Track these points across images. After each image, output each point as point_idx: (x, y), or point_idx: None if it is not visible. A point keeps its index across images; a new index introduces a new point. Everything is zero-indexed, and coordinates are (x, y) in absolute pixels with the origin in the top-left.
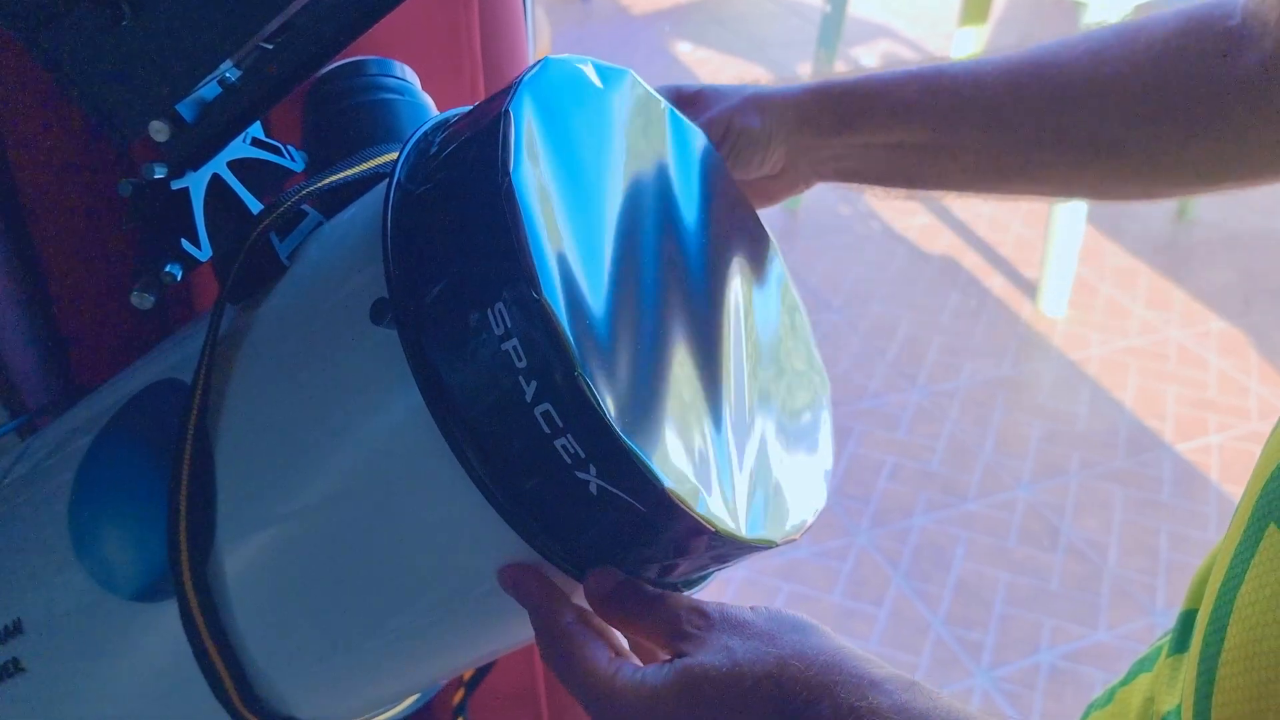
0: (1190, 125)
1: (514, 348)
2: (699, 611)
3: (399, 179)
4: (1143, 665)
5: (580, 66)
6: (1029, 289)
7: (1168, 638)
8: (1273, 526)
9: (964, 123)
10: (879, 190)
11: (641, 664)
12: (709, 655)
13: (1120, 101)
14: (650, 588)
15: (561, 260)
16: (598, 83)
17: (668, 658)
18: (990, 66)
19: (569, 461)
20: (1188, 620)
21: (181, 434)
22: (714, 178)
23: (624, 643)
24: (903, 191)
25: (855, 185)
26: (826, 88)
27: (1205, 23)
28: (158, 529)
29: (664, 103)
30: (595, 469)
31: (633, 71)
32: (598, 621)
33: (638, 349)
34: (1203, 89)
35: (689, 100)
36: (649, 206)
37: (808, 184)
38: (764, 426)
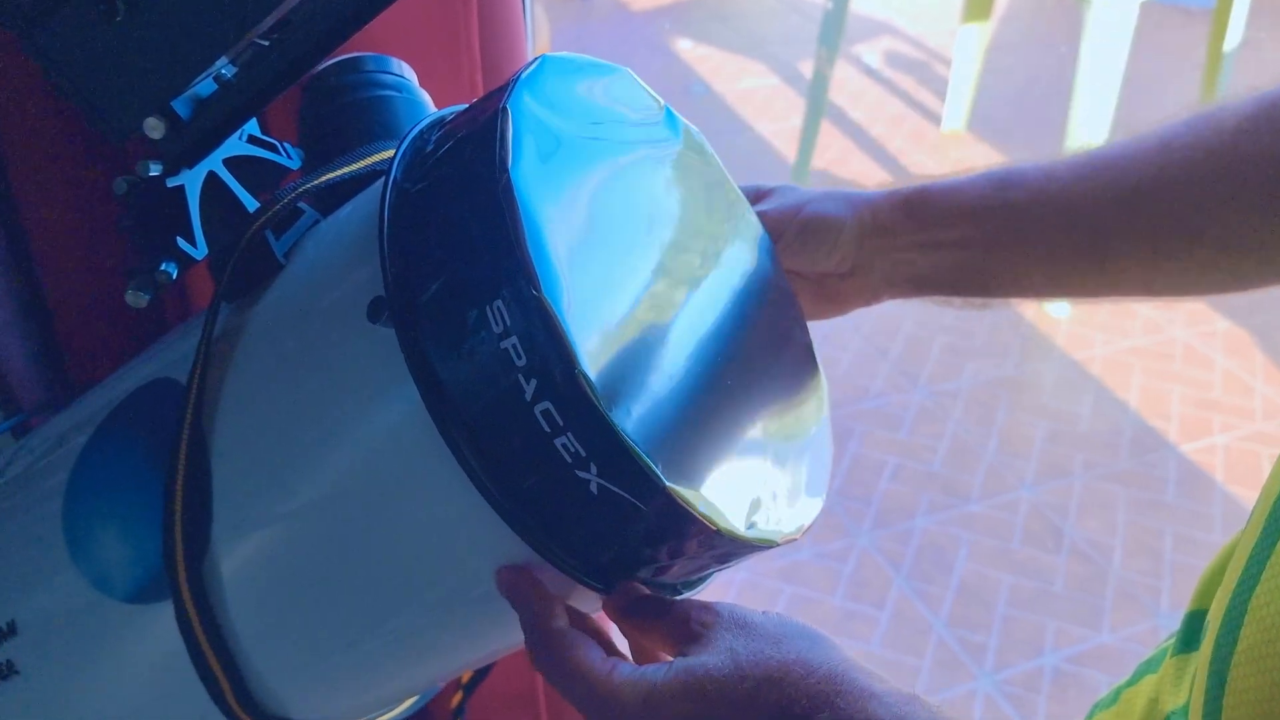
0: (1270, 205)
1: (513, 345)
2: (708, 609)
3: (395, 177)
4: (1148, 666)
5: (577, 64)
6: None
7: (1173, 639)
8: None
9: (1036, 219)
10: (956, 300)
11: (638, 665)
12: (711, 655)
13: (1192, 188)
14: (665, 596)
15: (561, 258)
16: (595, 81)
17: (669, 659)
18: (1061, 164)
19: (569, 460)
20: (1194, 621)
21: (177, 433)
22: (710, 176)
23: (619, 644)
24: (979, 301)
25: (931, 296)
26: (898, 189)
27: (1276, 105)
28: (153, 530)
29: (662, 102)
30: (596, 468)
31: (629, 70)
32: (591, 623)
33: (638, 347)
34: (1276, 174)
35: (765, 193)
36: (647, 203)
37: (876, 294)
38: (764, 425)
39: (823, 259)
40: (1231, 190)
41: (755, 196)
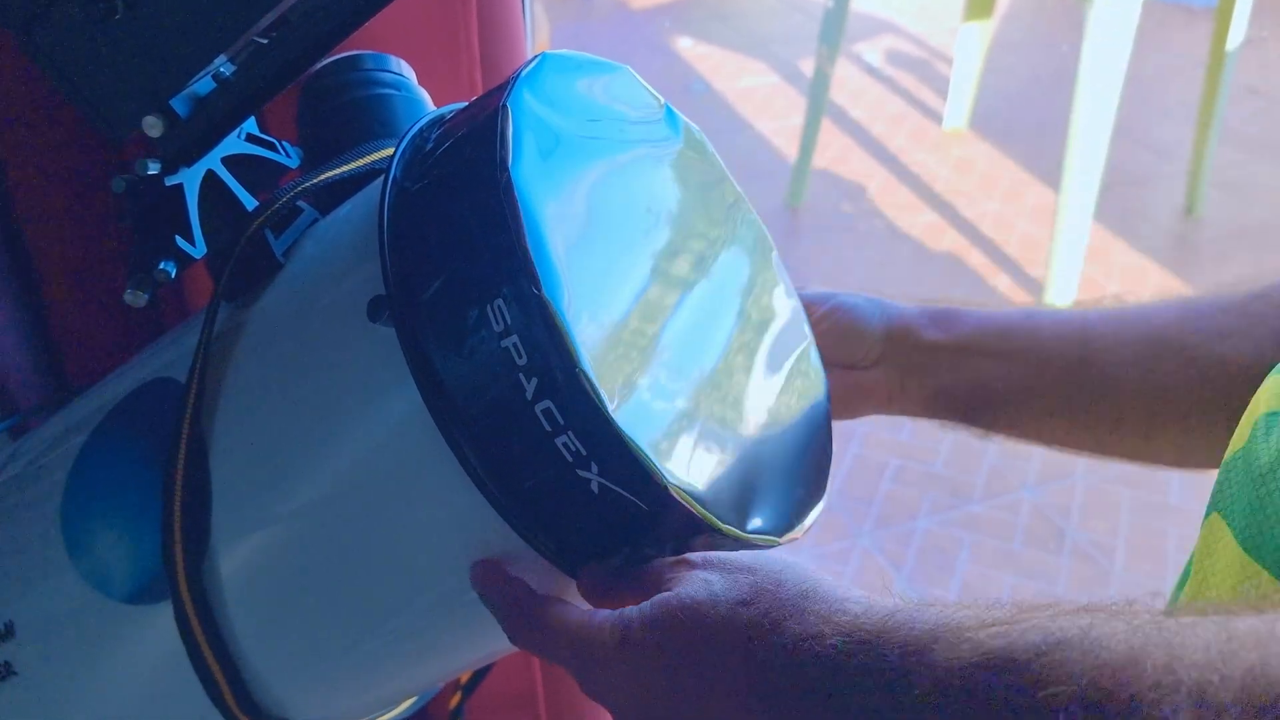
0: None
1: (514, 344)
2: (684, 559)
3: (395, 175)
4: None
5: (577, 62)
6: (1035, 288)
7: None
8: (1215, 516)
9: (1060, 354)
10: (976, 430)
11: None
12: (687, 588)
13: (1207, 358)
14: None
15: (561, 256)
16: (595, 79)
17: None
18: (1091, 308)
19: (570, 459)
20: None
21: (176, 433)
22: (710, 175)
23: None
24: (981, 431)
25: (940, 418)
26: (930, 303)
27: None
28: (152, 530)
29: (662, 100)
30: (597, 467)
31: (629, 68)
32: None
33: (638, 345)
34: None
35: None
36: (646, 201)
37: (889, 401)
38: (766, 425)
39: (850, 349)
40: (1245, 367)
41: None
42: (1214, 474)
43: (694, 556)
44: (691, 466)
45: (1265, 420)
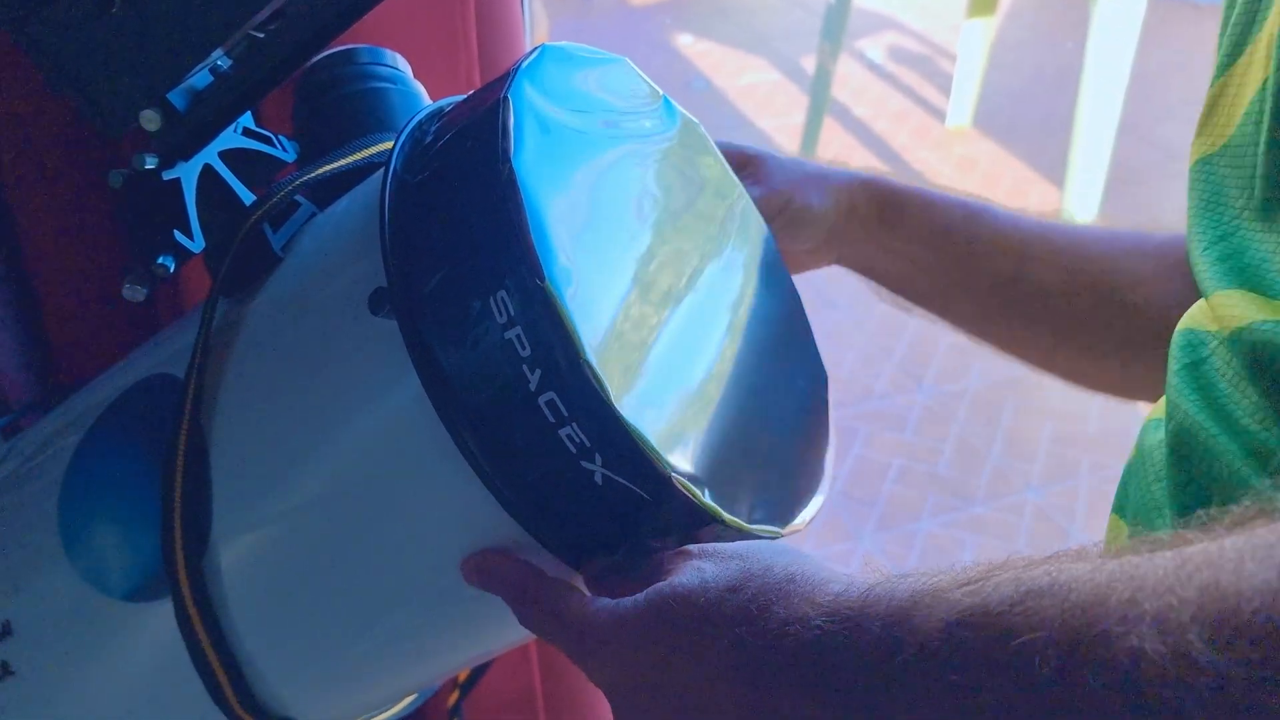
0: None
1: (517, 336)
2: (682, 550)
3: (395, 168)
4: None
5: (577, 54)
6: None
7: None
8: (1114, 517)
9: (989, 259)
10: (884, 293)
11: None
12: (679, 576)
13: (1125, 285)
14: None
15: (564, 248)
16: (594, 71)
17: None
18: (1030, 217)
19: (574, 451)
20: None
21: (175, 429)
22: (708, 165)
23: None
24: (905, 304)
25: (869, 281)
26: (877, 183)
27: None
28: (151, 527)
29: (660, 92)
30: (601, 458)
31: (628, 59)
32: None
33: (642, 337)
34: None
35: (749, 163)
36: (646, 192)
37: (826, 263)
38: (765, 416)
39: (800, 244)
40: (1147, 291)
41: (736, 165)
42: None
43: (692, 548)
44: (693, 458)
45: (1150, 425)
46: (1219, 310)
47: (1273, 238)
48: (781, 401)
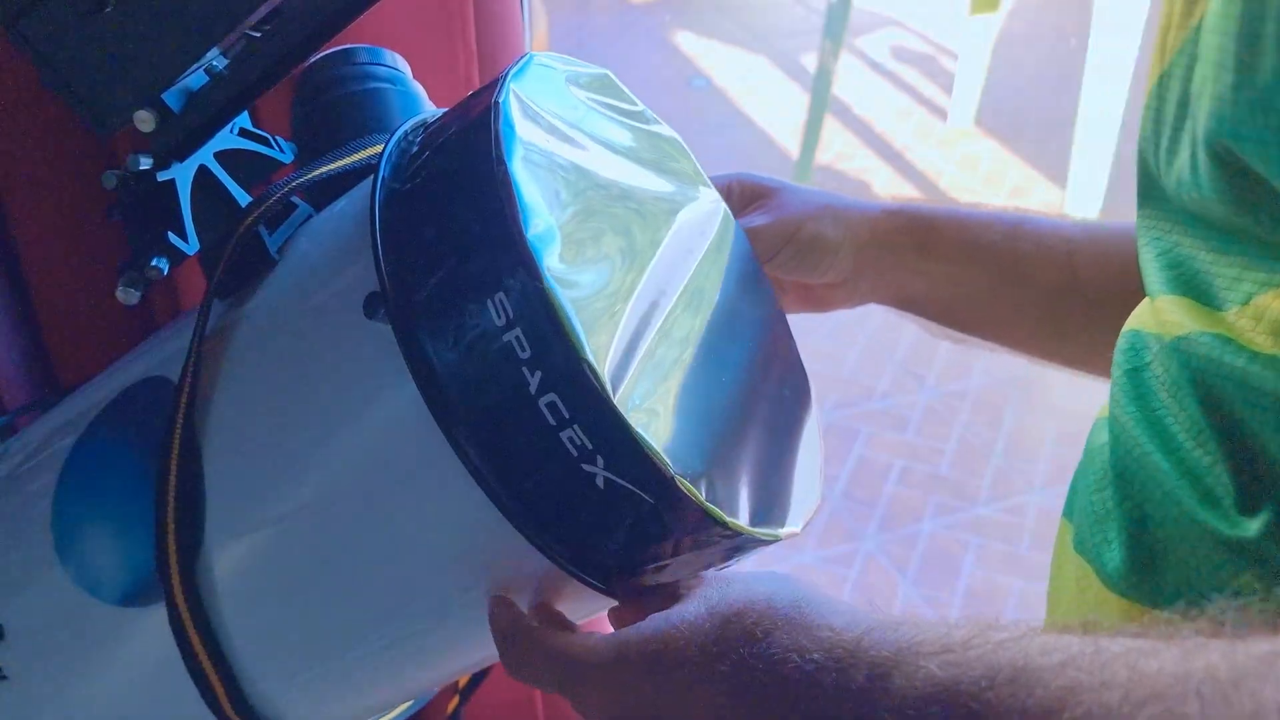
0: None
1: (516, 338)
2: (695, 577)
3: (384, 176)
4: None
5: (561, 63)
6: None
7: None
8: (1062, 521)
9: (1039, 269)
10: (933, 327)
11: None
12: (686, 605)
13: None
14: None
15: (561, 249)
16: (578, 80)
17: None
18: (1072, 221)
19: (575, 453)
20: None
21: (169, 433)
22: (685, 170)
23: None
24: (959, 335)
25: (911, 316)
26: (906, 211)
27: None
28: (144, 531)
29: (641, 105)
30: (603, 460)
31: (610, 73)
32: (560, 618)
33: (640, 338)
34: None
35: (763, 194)
36: (632, 195)
37: (862, 300)
38: (759, 422)
39: (817, 276)
40: None
41: (750, 196)
42: None
43: (707, 574)
44: (693, 461)
45: (1098, 425)
46: (1161, 315)
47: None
48: (771, 405)
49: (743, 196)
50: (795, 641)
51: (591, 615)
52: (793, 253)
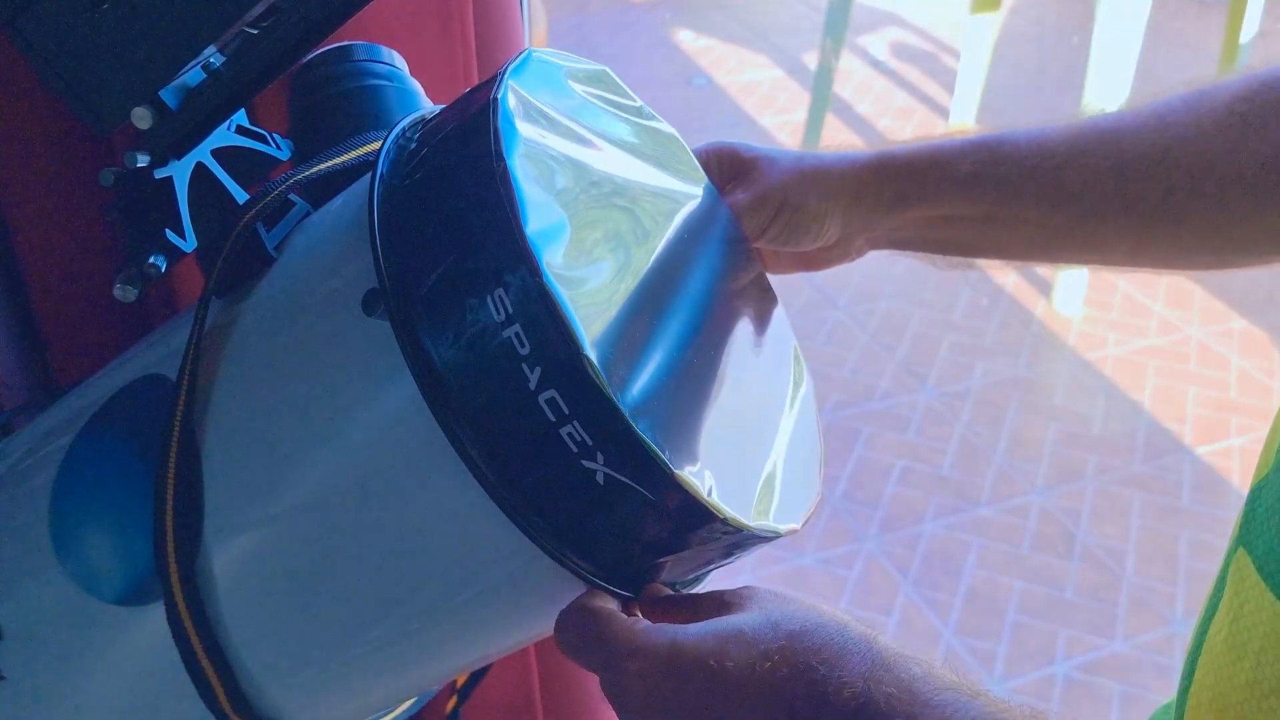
0: (1259, 194)
1: (515, 334)
2: (742, 588)
3: (382, 173)
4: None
5: (560, 59)
6: (1043, 286)
7: None
8: (1241, 551)
9: (1026, 193)
10: (939, 260)
11: None
12: (742, 614)
13: (1184, 169)
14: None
15: (561, 244)
16: (576, 77)
17: None
18: (1054, 133)
19: (575, 450)
20: None
21: (167, 431)
22: (690, 170)
23: None
24: (962, 262)
25: (910, 253)
26: (884, 160)
27: (1269, 86)
28: (143, 530)
29: (640, 102)
30: (603, 457)
31: (609, 69)
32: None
33: (639, 334)
34: (1268, 156)
35: (742, 165)
36: (632, 195)
37: (860, 254)
38: (760, 418)
39: (807, 244)
40: (1222, 176)
41: (730, 168)
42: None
43: (757, 587)
44: (694, 456)
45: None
46: None
47: None
48: (771, 401)
49: (721, 168)
50: (871, 672)
51: None
52: (779, 227)
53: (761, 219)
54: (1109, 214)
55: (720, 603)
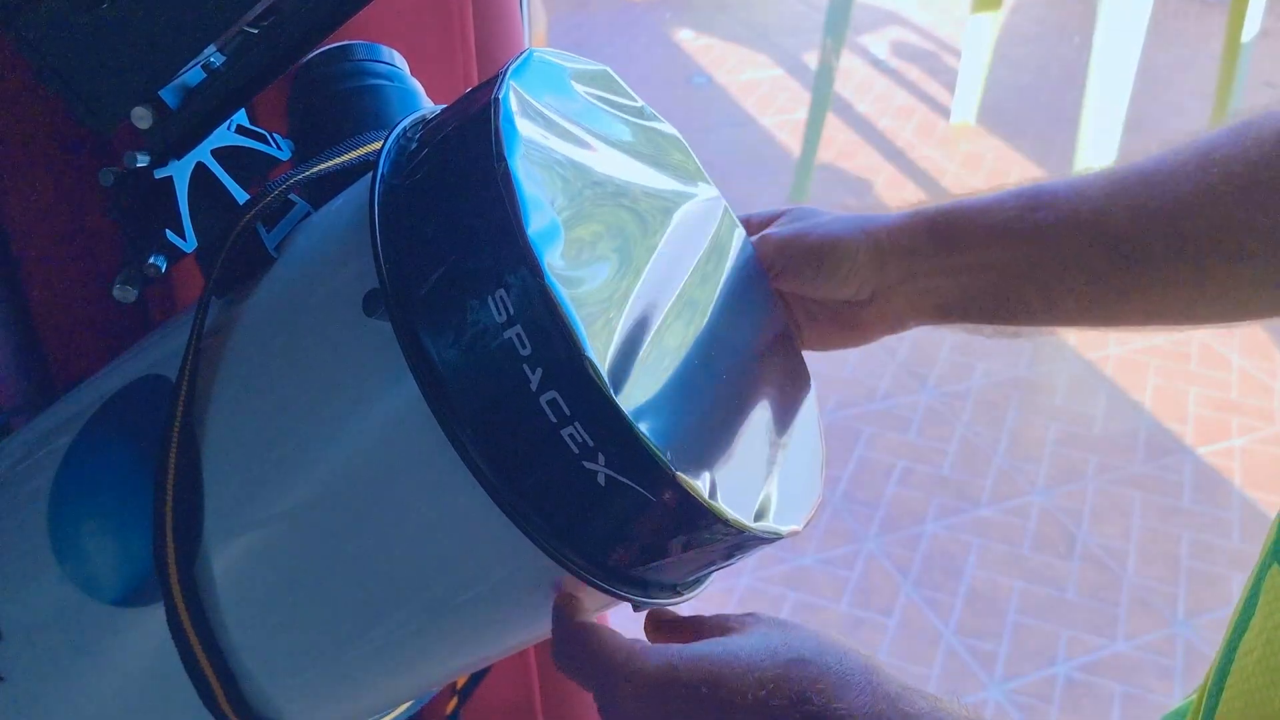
0: None
1: (517, 335)
2: (745, 614)
3: (383, 173)
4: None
5: (562, 59)
6: None
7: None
8: (1276, 569)
9: (1067, 237)
10: (986, 329)
11: None
12: (742, 637)
13: (1236, 202)
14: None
15: (562, 245)
16: (578, 77)
17: None
18: (1093, 178)
19: (576, 451)
20: None
21: (167, 432)
22: (691, 170)
23: None
24: (1011, 330)
25: (959, 324)
26: (920, 211)
27: None
28: (142, 531)
29: (641, 102)
30: (604, 458)
31: (610, 69)
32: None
33: (639, 335)
34: None
35: (780, 214)
36: (634, 196)
37: (901, 322)
38: (761, 419)
39: (837, 286)
40: (1276, 202)
41: (765, 220)
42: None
43: (759, 614)
44: (695, 457)
45: None
46: None
47: None
48: (772, 402)
49: (760, 221)
50: (873, 706)
51: (592, 614)
52: (805, 257)
53: (793, 251)
54: (1156, 256)
55: (722, 627)
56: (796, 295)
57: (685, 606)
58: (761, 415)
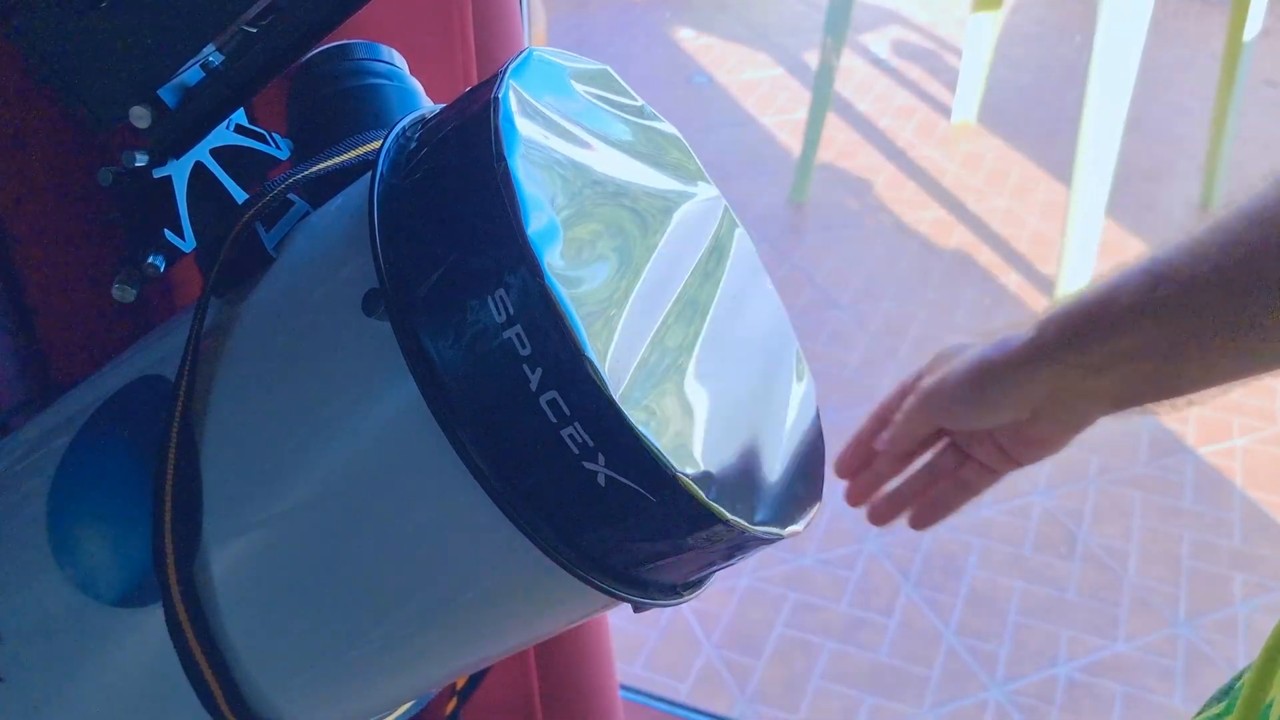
0: None
1: (516, 335)
2: None
3: (382, 172)
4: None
5: (562, 59)
6: (1046, 286)
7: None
8: None
9: (1198, 309)
10: (1163, 406)
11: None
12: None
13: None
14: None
15: (562, 245)
16: (578, 75)
17: None
18: (1200, 233)
19: (576, 451)
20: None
21: (166, 432)
22: (692, 170)
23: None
24: (1183, 402)
25: (1139, 409)
26: (1048, 317)
27: None
28: (141, 531)
29: (641, 101)
30: (604, 458)
31: (610, 69)
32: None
33: (639, 336)
34: None
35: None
36: (639, 194)
37: (1065, 432)
38: (761, 420)
39: (996, 410)
40: None
41: (919, 377)
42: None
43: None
44: (694, 459)
45: None
46: None
47: None
48: (773, 402)
49: (915, 380)
50: None
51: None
52: (965, 389)
53: (945, 389)
54: None
55: None
56: (972, 434)
57: (685, 606)
58: (763, 414)
